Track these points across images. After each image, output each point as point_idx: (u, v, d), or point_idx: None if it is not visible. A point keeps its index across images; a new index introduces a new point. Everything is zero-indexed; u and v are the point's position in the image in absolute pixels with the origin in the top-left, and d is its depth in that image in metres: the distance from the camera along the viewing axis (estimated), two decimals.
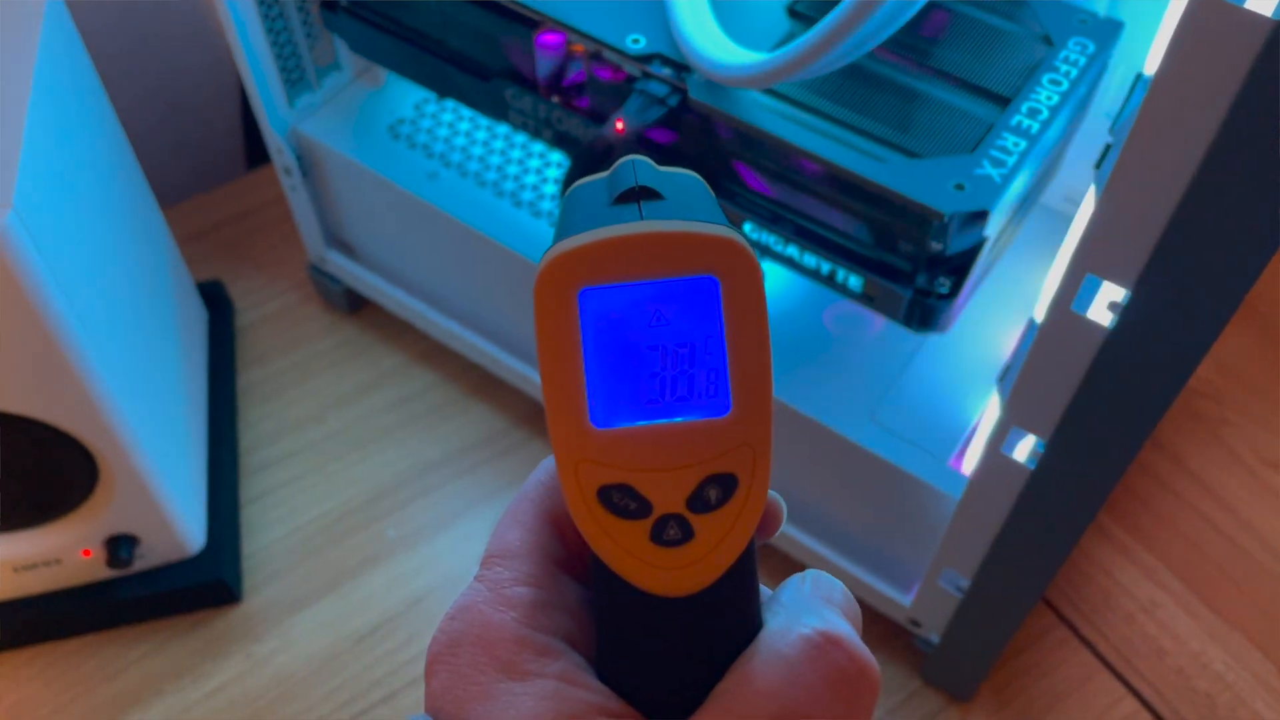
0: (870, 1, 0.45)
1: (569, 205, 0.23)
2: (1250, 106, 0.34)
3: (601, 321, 0.21)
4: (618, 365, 0.21)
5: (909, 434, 0.61)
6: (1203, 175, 0.36)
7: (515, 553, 0.24)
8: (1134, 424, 0.46)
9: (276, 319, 0.88)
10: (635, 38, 0.56)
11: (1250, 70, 0.33)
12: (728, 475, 0.22)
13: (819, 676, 0.22)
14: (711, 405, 0.22)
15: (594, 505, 0.22)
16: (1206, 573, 0.74)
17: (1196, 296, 0.40)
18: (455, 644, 0.23)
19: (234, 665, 0.71)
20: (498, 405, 0.83)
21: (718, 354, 0.21)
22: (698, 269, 0.21)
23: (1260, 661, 0.70)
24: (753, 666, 0.22)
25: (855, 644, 0.22)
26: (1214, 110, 0.35)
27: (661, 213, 0.21)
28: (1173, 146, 0.37)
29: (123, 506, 0.65)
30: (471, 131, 0.77)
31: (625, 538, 0.22)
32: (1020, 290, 0.66)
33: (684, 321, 0.21)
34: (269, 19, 0.70)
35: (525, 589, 0.23)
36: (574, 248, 0.21)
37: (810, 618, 0.22)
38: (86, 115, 0.64)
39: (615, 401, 0.22)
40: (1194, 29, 0.34)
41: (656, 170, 0.22)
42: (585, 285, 0.21)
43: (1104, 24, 0.56)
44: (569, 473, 0.22)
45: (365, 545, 0.76)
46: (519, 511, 0.25)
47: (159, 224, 0.76)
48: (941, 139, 0.52)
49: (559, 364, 0.21)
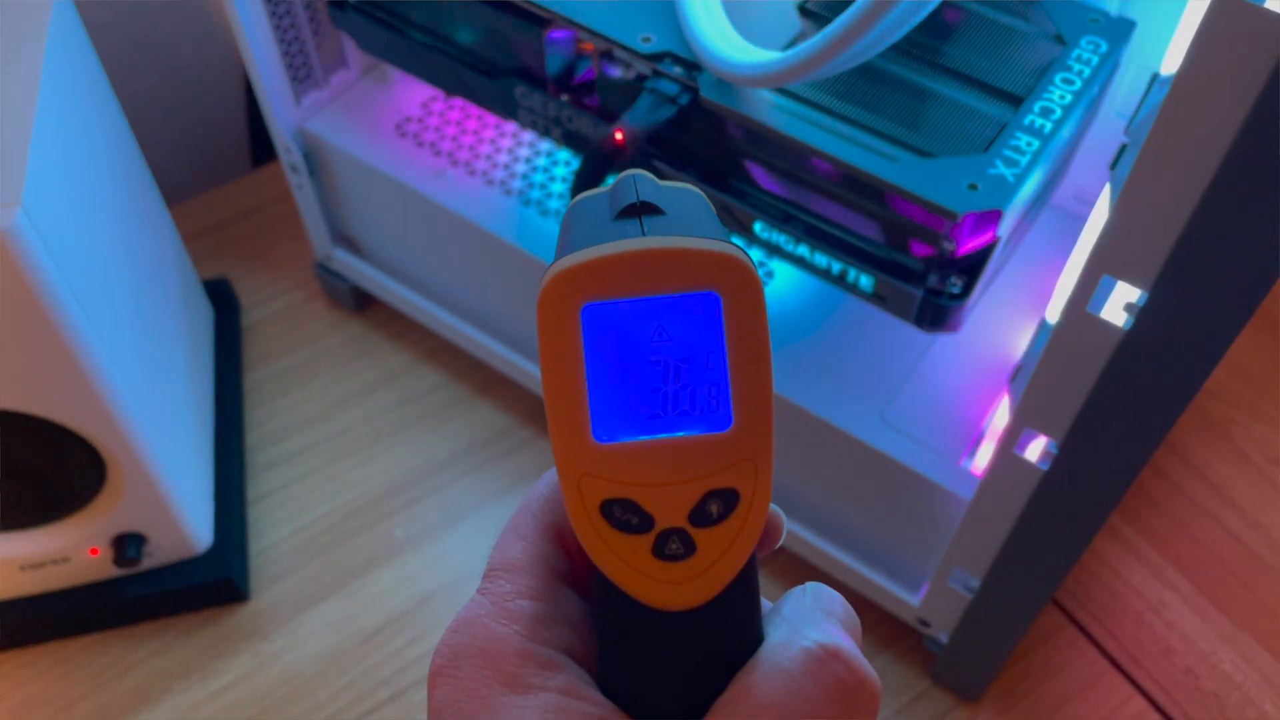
0: (885, 1, 0.44)
1: (571, 220, 0.23)
2: (1272, 107, 0.34)
3: (604, 337, 0.21)
4: (620, 380, 0.22)
5: (919, 434, 0.61)
6: (1222, 177, 0.36)
7: (517, 566, 0.24)
8: (1148, 427, 0.45)
9: (283, 317, 0.88)
10: (646, 36, 0.56)
11: (1272, 71, 0.33)
12: (729, 490, 0.22)
13: (820, 689, 0.22)
14: (713, 420, 0.22)
15: (596, 519, 0.22)
16: (1215, 573, 0.74)
17: (1213, 298, 0.40)
18: (458, 657, 0.23)
19: (241, 664, 0.71)
20: (504, 403, 0.83)
21: (719, 369, 0.22)
22: (699, 284, 0.21)
23: (1269, 662, 0.70)
24: (754, 679, 0.22)
25: (855, 657, 0.22)
26: (1235, 111, 0.35)
27: (663, 228, 0.21)
28: (1192, 147, 0.37)
29: (130, 505, 0.65)
30: (479, 129, 0.77)
31: (627, 552, 0.22)
32: (1031, 290, 0.66)
33: (686, 337, 0.21)
34: (276, 17, 0.70)
35: (527, 602, 0.24)
36: (576, 264, 0.21)
37: (811, 630, 0.23)
38: (94, 113, 0.64)
39: (618, 416, 0.22)
40: (1215, 29, 0.34)
41: (657, 185, 0.23)
42: (588, 301, 0.21)
43: (1116, 23, 0.56)
44: (571, 487, 0.22)
45: (372, 544, 0.76)
46: (521, 524, 0.25)
47: (165, 221, 0.76)
48: (954, 138, 0.52)
49: (562, 379, 0.21)
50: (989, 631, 0.63)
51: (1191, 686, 0.69)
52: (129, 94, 0.72)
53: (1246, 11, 0.33)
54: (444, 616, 0.72)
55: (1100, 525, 0.52)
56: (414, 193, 0.72)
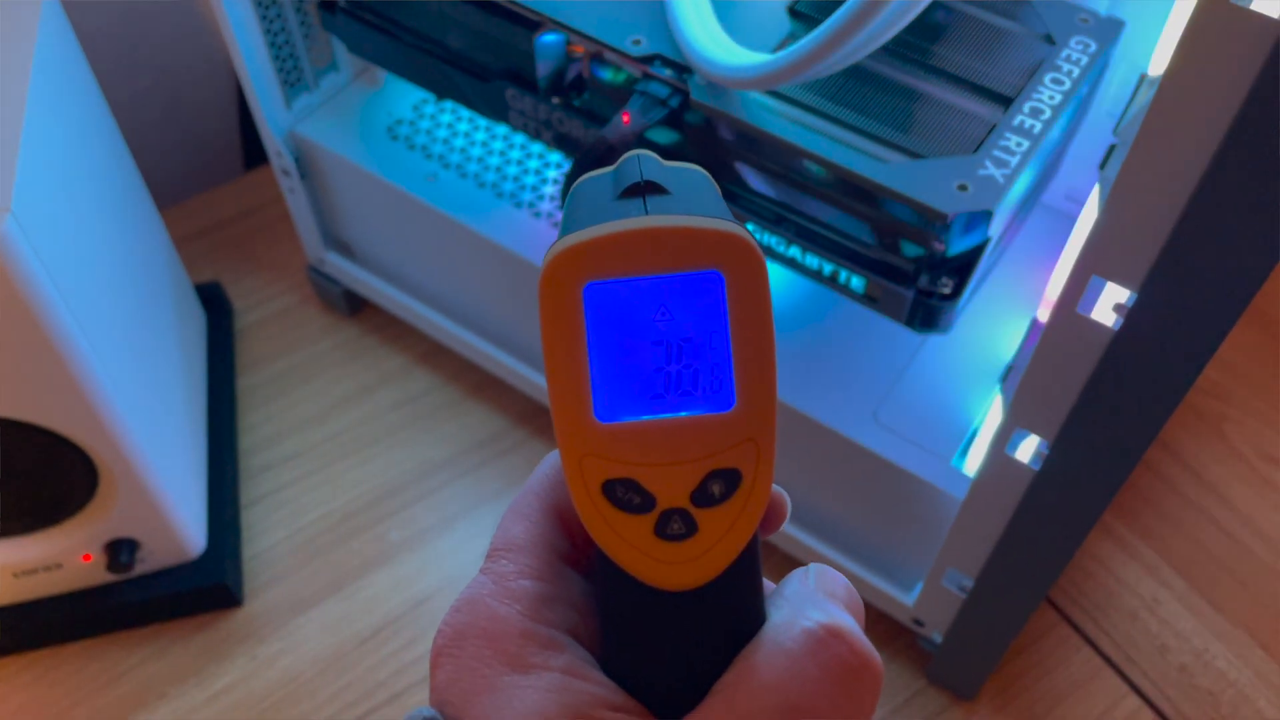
0: (874, 2, 0.44)
1: (574, 200, 0.23)
2: (1259, 109, 0.34)
3: (606, 316, 0.21)
4: (622, 360, 0.22)
5: (912, 434, 0.61)
6: (1210, 177, 0.36)
7: (520, 546, 0.24)
8: (1139, 426, 0.45)
9: (276, 320, 0.88)
10: (636, 38, 0.56)
11: (1259, 73, 0.33)
12: (731, 470, 0.22)
13: (822, 669, 0.22)
14: (716, 400, 0.22)
15: (598, 499, 0.22)
16: (1209, 570, 0.74)
17: (1203, 299, 0.40)
18: (460, 637, 0.23)
19: (238, 668, 0.71)
20: (498, 405, 0.82)
21: (722, 349, 0.21)
22: (702, 264, 0.21)
23: (1263, 659, 0.70)
24: (756, 660, 0.22)
25: (858, 637, 0.22)
26: (1222, 112, 0.35)
27: (666, 208, 0.21)
28: (1180, 148, 0.37)
29: (123, 511, 0.65)
30: (471, 132, 0.77)
31: (629, 532, 0.22)
32: (1022, 289, 0.66)
33: (688, 316, 0.21)
34: (266, 20, 0.70)
35: (530, 582, 0.24)
36: (579, 243, 0.21)
37: (813, 611, 0.23)
38: (83, 117, 0.64)
39: (620, 396, 0.22)
40: (1202, 31, 0.34)
41: (662, 165, 0.22)
42: (590, 280, 0.21)
43: (1105, 23, 0.56)
44: (573, 467, 0.22)
45: (368, 547, 0.76)
46: (524, 505, 0.25)
47: (157, 225, 0.76)
48: (944, 139, 0.52)
49: (564, 358, 0.21)
50: (983, 631, 0.63)
51: (1186, 684, 0.69)
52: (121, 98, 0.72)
53: (1233, 13, 0.33)
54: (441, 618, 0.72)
55: (1092, 525, 0.52)
56: (406, 196, 0.72)
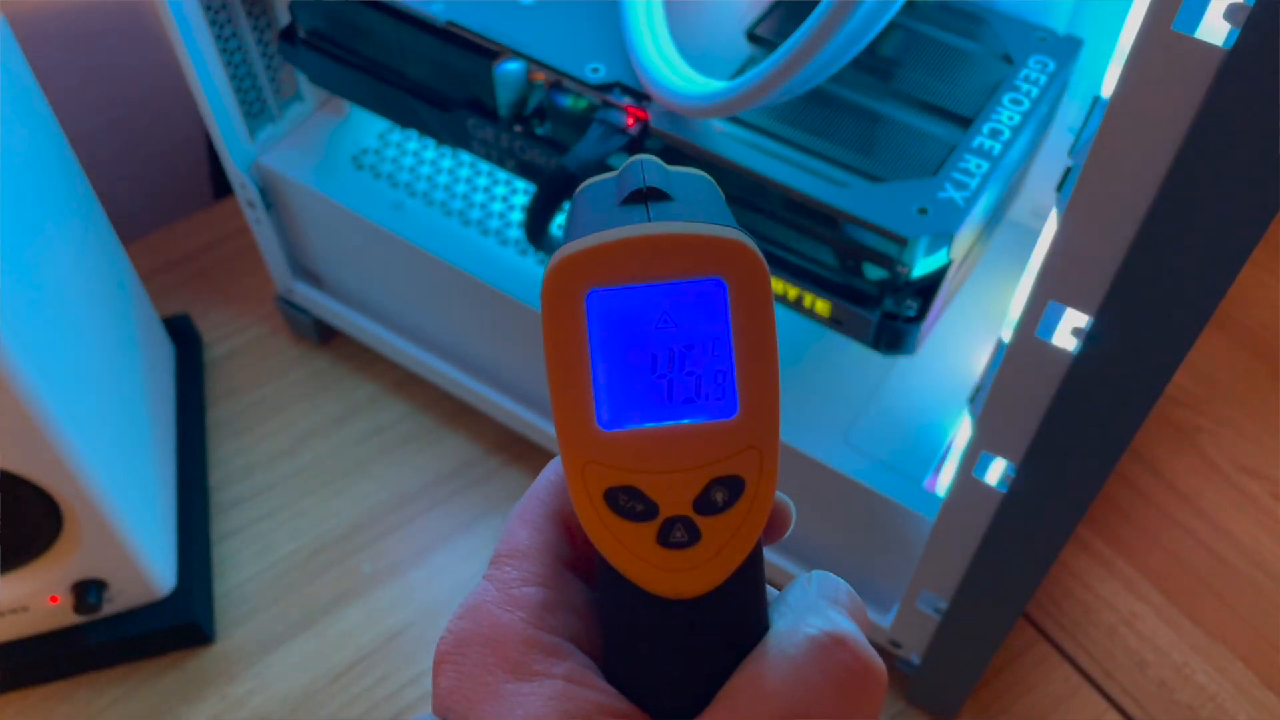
0: (829, 27, 0.44)
1: (577, 206, 0.23)
2: (1206, 132, 0.34)
3: (609, 323, 0.21)
4: (625, 367, 0.21)
5: (883, 456, 0.60)
6: (1161, 201, 0.36)
7: (523, 552, 0.24)
8: (1103, 447, 0.45)
9: (246, 352, 0.87)
10: (595, 66, 0.55)
11: (1205, 97, 0.33)
12: (734, 478, 0.22)
13: (825, 676, 0.22)
14: (718, 407, 0.22)
15: (601, 507, 0.22)
16: (1186, 583, 0.74)
17: (1160, 320, 0.40)
18: (463, 643, 0.23)
19: (209, 707, 0.70)
20: (471, 433, 0.82)
21: (725, 356, 0.21)
22: (705, 271, 0.21)
23: (1242, 671, 0.70)
24: (759, 667, 0.22)
25: (861, 644, 0.22)
26: (1170, 136, 0.35)
27: (669, 214, 0.21)
28: (1130, 172, 0.36)
29: (89, 552, 0.64)
30: (436, 160, 0.77)
31: (632, 540, 0.22)
32: (990, 307, 0.66)
33: (691, 323, 0.21)
34: (227, 53, 0.69)
35: (533, 589, 0.24)
36: (581, 249, 0.21)
37: (816, 618, 0.23)
38: (40, 154, 0.63)
39: (622, 403, 0.22)
40: (1146, 58, 0.34)
41: (665, 170, 0.22)
42: (592, 287, 0.21)
43: (1064, 41, 0.56)
44: (576, 474, 0.22)
45: (340, 580, 0.75)
46: (527, 511, 0.25)
47: (121, 260, 0.75)
48: (904, 162, 0.52)
49: (566, 366, 0.21)
50: (960, 651, 0.63)
51: (1166, 700, 0.69)
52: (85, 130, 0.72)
53: (1176, 41, 0.33)
54: (415, 652, 0.71)
55: (1063, 545, 0.52)
56: (372, 226, 0.72)
